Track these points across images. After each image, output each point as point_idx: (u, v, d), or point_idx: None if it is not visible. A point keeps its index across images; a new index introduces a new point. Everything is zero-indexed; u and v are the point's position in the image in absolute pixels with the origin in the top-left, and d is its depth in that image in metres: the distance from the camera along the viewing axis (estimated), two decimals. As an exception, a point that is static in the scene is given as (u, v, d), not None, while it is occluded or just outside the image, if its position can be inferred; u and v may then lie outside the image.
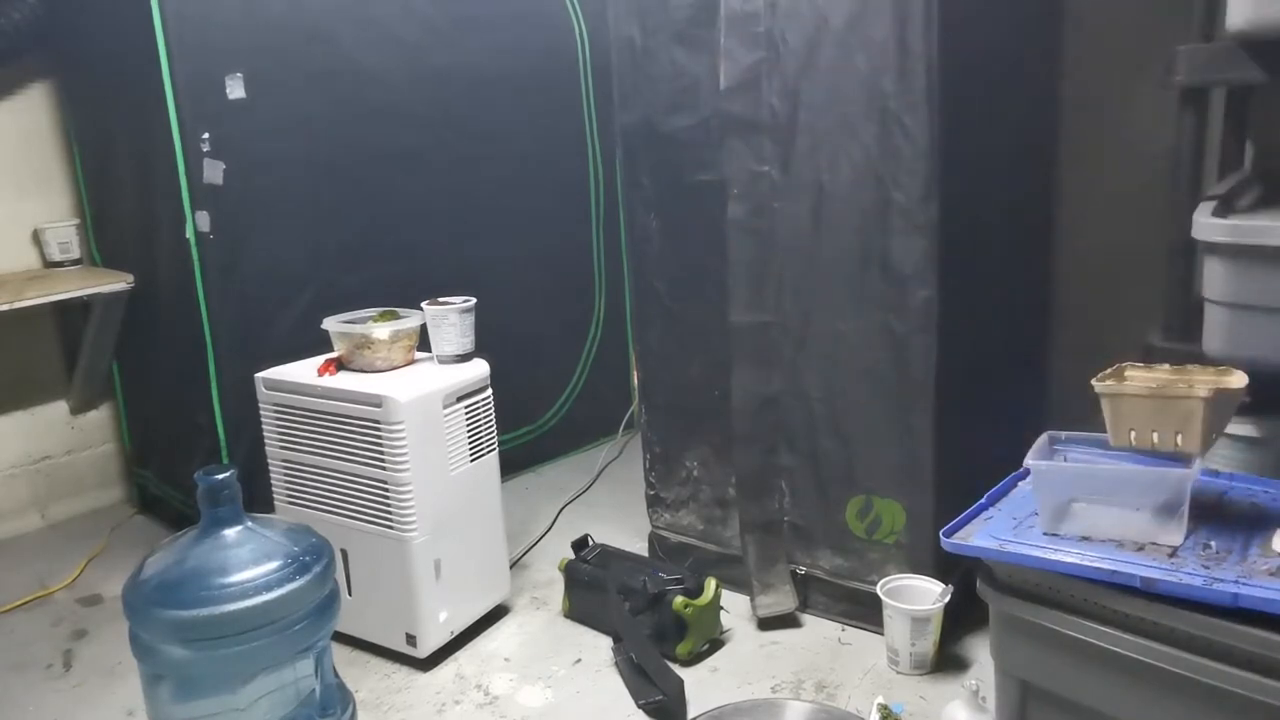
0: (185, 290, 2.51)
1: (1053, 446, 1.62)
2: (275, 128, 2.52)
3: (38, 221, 2.85)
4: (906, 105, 1.87)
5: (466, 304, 2.18)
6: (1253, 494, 1.55)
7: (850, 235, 2.00)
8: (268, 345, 2.47)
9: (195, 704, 1.50)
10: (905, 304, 1.96)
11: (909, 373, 1.99)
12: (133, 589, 1.48)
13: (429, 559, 2.07)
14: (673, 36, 2.16)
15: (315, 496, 2.15)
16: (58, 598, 2.55)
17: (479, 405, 2.18)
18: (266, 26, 2.47)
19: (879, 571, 2.11)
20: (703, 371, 2.30)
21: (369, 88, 2.69)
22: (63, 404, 3.02)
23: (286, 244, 2.58)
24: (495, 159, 3.01)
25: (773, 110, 2.04)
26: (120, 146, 2.70)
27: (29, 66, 2.80)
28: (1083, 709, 1.42)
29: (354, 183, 2.69)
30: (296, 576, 1.49)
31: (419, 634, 2.10)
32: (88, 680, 2.17)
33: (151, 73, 2.36)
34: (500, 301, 2.68)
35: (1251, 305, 1.63)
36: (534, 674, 2.10)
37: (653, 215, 2.31)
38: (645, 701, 1.95)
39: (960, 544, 1.48)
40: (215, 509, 1.51)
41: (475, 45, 2.91)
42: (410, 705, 2.01)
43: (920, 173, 1.88)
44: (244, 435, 2.50)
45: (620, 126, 2.34)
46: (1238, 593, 1.23)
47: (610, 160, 3.31)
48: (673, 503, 2.46)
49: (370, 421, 2.01)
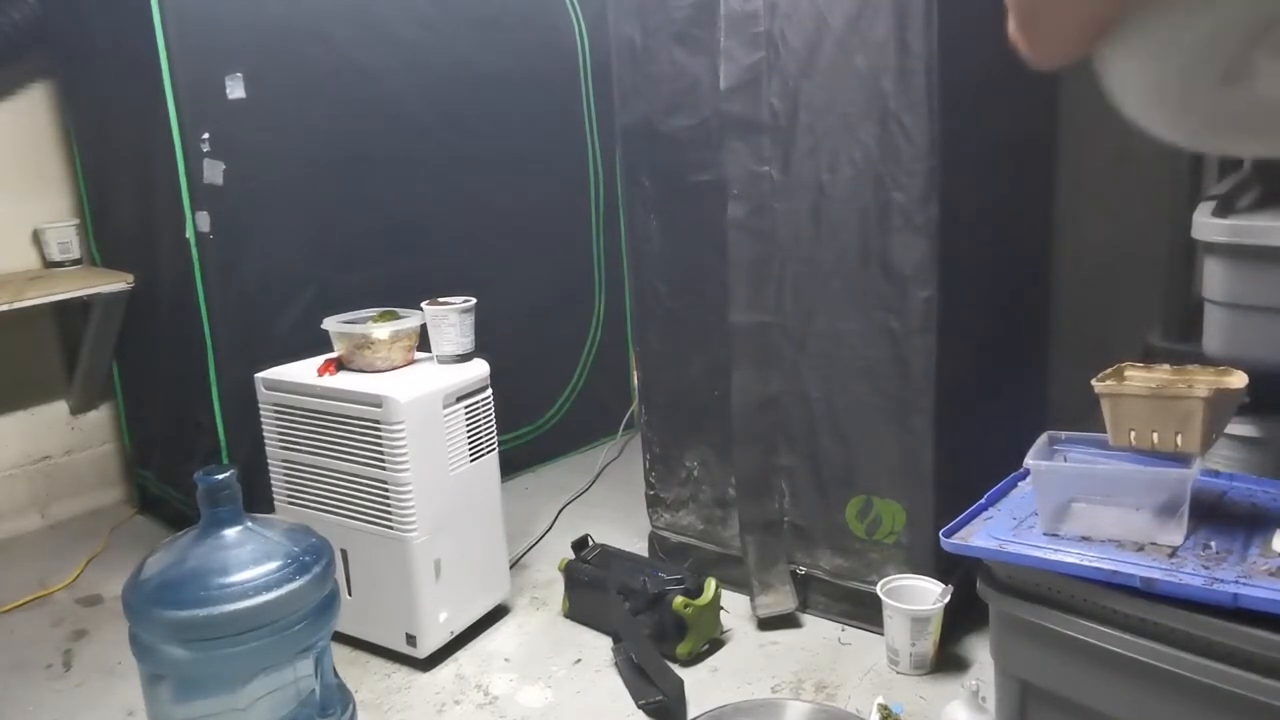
0: (185, 290, 2.51)
1: (1053, 446, 1.62)
2: (275, 128, 2.52)
3: (38, 221, 2.85)
4: (906, 105, 1.87)
5: (466, 304, 2.18)
6: (1253, 494, 1.55)
7: (850, 235, 2.00)
8: (268, 345, 2.47)
9: (195, 704, 1.51)
10: (905, 304, 1.96)
11: (909, 373, 1.99)
12: (133, 589, 1.48)
13: (429, 559, 2.07)
14: (673, 36, 2.16)
15: (315, 496, 2.15)
16: (58, 598, 2.55)
17: (479, 405, 2.18)
18: (266, 26, 2.47)
19: (879, 571, 2.11)
20: (703, 371, 2.30)
21: (369, 88, 2.69)
22: (63, 404, 3.02)
23: (286, 244, 2.58)
24: (495, 159, 3.01)
25: (773, 110, 2.04)
26: (120, 146, 2.70)
27: (29, 66, 2.80)
28: (1083, 709, 1.41)
29: (354, 183, 2.69)
30: (296, 577, 1.49)
31: (419, 634, 2.10)
32: (88, 680, 2.17)
33: (151, 73, 2.36)
34: (500, 301, 2.68)
35: (1251, 305, 1.63)
36: (534, 674, 2.10)
37: (653, 215, 2.31)
38: (645, 701, 1.95)
39: (960, 544, 1.48)
40: (215, 509, 1.51)
41: (475, 45, 2.91)
42: (410, 705, 2.01)
43: (920, 173, 1.88)
44: (244, 435, 2.50)
45: (620, 126, 2.34)
46: (1238, 593, 1.23)
47: (610, 160, 3.31)
48: (673, 503, 2.46)
49: (370, 421, 2.01)
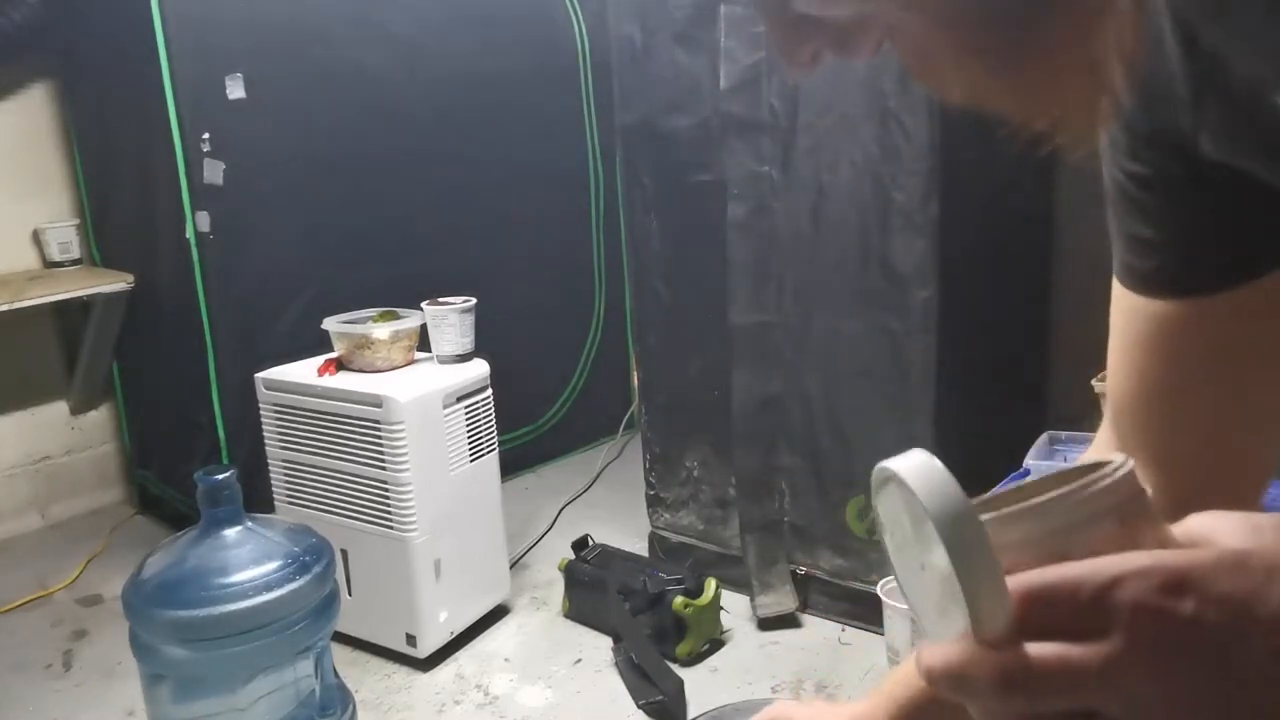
0: (185, 290, 2.50)
1: (1053, 446, 1.62)
2: (275, 128, 2.52)
3: (38, 221, 2.85)
4: (906, 105, 1.87)
5: (466, 304, 2.18)
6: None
7: (850, 235, 2.00)
8: (268, 345, 2.47)
9: (195, 704, 1.51)
10: (905, 304, 1.96)
11: (909, 373, 1.99)
12: (133, 589, 1.48)
13: (429, 559, 2.07)
14: (673, 36, 2.16)
15: (315, 496, 2.15)
16: (58, 598, 2.54)
17: (479, 405, 2.18)
18: (266, 26, 2.47)
19: (879, 571, 2.11)
20: (703, 371, 2.30)
21: (369, 88, 2.69)
22: (63, 404, 3.02)
23: (286, 244, 2.58)
24: (495, 159, 3.01)
25: (773, 110, 2.04)
26: (120, 146, 2.70)
27: (29, 66, 2.80)
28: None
29: (354, 183, 2.69)
30: (296, 576, 1.49)
31: (419, 634, 2.10)
32: (88, 680, 2.17)
33: (151, 73, 2.36)
34: (500, 301, 2.68)
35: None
36: (534, 674, 2.10)
37: (653, 215, 2.31)
38: (645, 701, 1.95)
39: (960, 544, 1.47)
40: (215, 509, 1.51)
41: (475, 45, 2.91)
42: (410, 705, 2.01)
43: (920, 173, 1.88)
44: (244, 435, 2.50)
45: (620, 126, 2.34)
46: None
47: (610, 160, 3.30)
48: (673, 503, 2.46)
49: (370, 421, 2.01)
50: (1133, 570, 0.38)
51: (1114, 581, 0.38)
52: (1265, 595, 0.37)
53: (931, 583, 0.41)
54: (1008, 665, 0.38)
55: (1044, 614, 0.38)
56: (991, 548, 0.39)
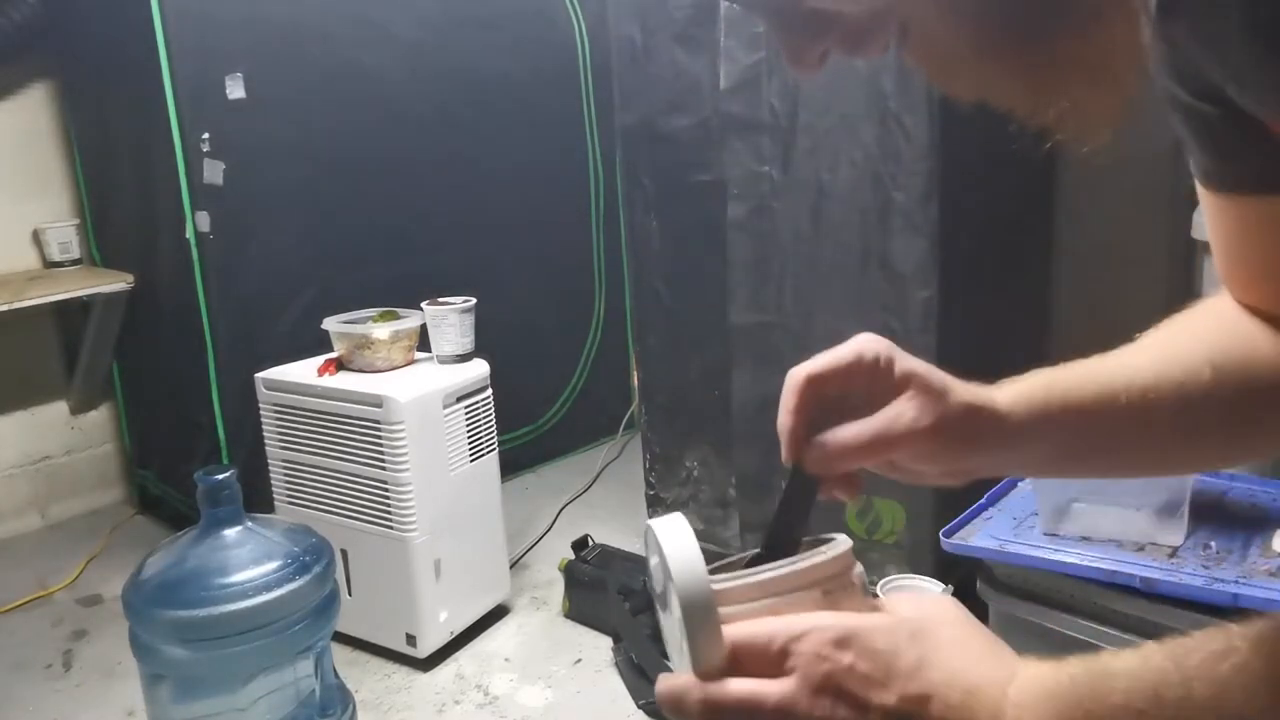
0: (185, 290, 2.50)
1: (1053, 446, 1.62)
2: (275, 128, 2.52)
3: (38, 221, 2.85)
4: (906, 105, 1.87)
5: (466, 304, 2.18)
6: (1253, 494, 1.55)
7: (850, 235, 2.00)
8: (268, 345, 2.47)
9: (195, 704, 1.51)
10: (905, 304, 1.96)
11: (909, 373, 1.98)
12: (133, 589, 1.48)
13: (429, 559, 2.07)
14: (673, 36, 2.16)
15: (315, 496, 2.15)
16: (58, 598, 2.54)
17: (479, 405, 2.18)
18: (266, 26, 2.47)
19: (879, 571, 2.11)
20: (703, 371, 2.30)
21: (369, 88, 2.69)
22: (63, 404, 3.02)
23: (286, 244, 2.58)
24: (495, 159, 3.01)
25: (773, 110, 2.04)
26: (120, 146, 2.70)
27: (29, 66, 2.80)
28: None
29: (354, 183, 2.69)
30: (296, 576, 1.49)
31: (419, 634, 2.10)
32: (88, 680, 2.17)
33: (151, 73, 2.36)
34: (500, 301, 2.68)
35: (1251, 305, 1.63)
36: (534, 674, 2.10)
37: (653, 215, 2.31)
38: (645, 701, 1.95)
39: (960, 544, 1.48)
40: (215, 509, 1.51)
41: (475, 45, 2.91)
42: (410, 705, 2.01)
43: (920, 173, 1.88)
44: (244, 435, 2.50)
45: (620, 126, 2.34)
46: (1238, 593, 1.23)
47: (610, 160, 3.30)
48: (673, 503, 2.46)
49: (370, 421, 2.01)
50: (815, 627, 0.49)
51: (799, 636, 0.49)
52: (904, 652, 0.50)
53: (674, 625, 0.52)
54: (711, 695, 0.49)
55: (748, 658, 0.49)
56: (715, 607, 0.50)
